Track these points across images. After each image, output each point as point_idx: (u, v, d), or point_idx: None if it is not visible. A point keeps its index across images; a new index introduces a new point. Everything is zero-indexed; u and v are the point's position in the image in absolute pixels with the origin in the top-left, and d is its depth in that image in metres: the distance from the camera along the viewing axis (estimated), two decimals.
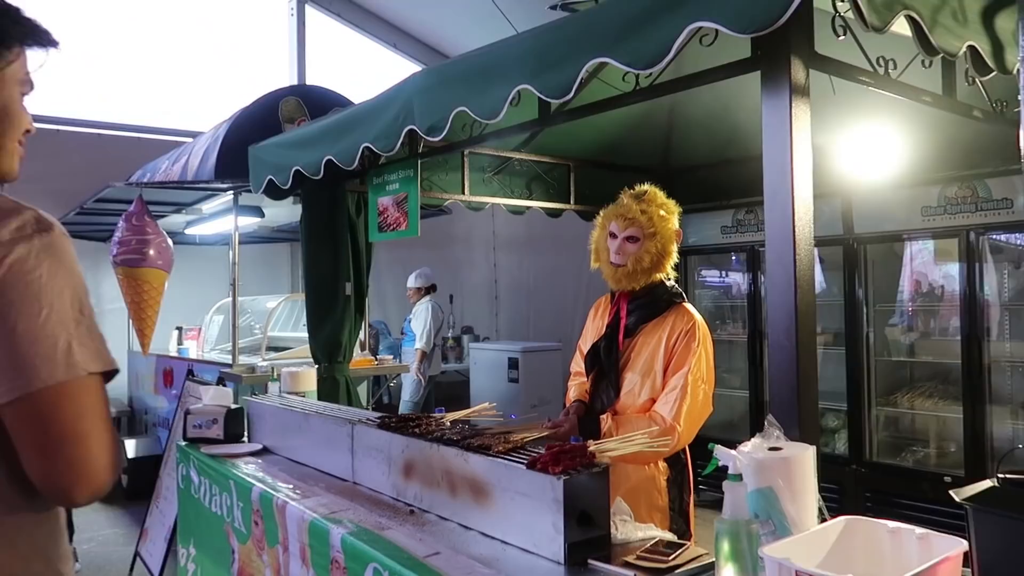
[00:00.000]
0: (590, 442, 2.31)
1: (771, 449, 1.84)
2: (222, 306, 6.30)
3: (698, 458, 2.57)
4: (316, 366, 4.07)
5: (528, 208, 5.33)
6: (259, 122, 4.67)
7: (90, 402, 1.00)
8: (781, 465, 1.77)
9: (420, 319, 6.98)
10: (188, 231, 6.74)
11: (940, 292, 4.69)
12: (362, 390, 5.20)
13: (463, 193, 4.58)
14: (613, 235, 2.50)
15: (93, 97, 7.54)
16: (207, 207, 5.73)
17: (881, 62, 2.26)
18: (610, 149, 5.20)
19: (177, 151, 5.49)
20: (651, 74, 2.22)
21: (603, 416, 2.39)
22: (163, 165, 5.48)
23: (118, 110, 7.70)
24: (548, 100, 2.27)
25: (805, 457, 1.81)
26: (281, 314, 6.13)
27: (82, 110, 7.50)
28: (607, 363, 2.51)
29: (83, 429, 0.99)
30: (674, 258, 2.50)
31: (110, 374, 1.06)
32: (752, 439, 1.90)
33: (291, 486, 2.68)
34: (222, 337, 6.29)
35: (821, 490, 1.88)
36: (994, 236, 4.28)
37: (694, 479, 2.56)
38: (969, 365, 4.30)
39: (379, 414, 2.79)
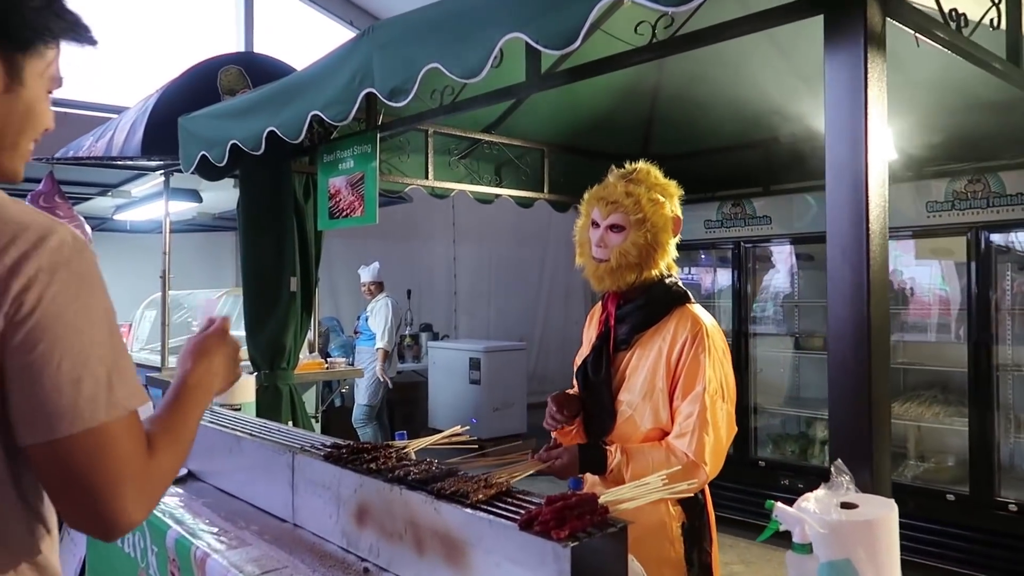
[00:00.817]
0: (598, 488, 1.83)
1: (843, 506, 1.41)
2: (154, 300, 5.68)
3: (718, 488, 2.11)
4: (255, 373, 3.53)
5: (497, 196, 4.85)
6: (195, 93, 4.07)
7: (126, 440, 0.95)
8: (862, 531, 1.35)
9: (380, 316, 6.48)
10: (117, 217, 6.11)
11: (943, 294, 4.36)
12: (311, 395, 4.67)
13: (426, 178, 4.09)
14: (596, 224, 2.04)
15: None
16: (137, 190, 5.12)
17: (953, 16, 1.84)
18: (587, 134, 4.75)
19: (103, 127, 4.86)
20: (671, 23, 1.76)
21: (609, 447, 1.92)
22: (87, 142, 4.86)
23: None
24: (548, 51, 1.77)
25: (889, 519, 1.39)
26: (223, 309, 5.54)
27: None
28: (595, 382, 2.04)
29: (119, 473, 0.94)
30: (670, 251, 2.03)
31: None
32: (816, 491, 1.46)
33: (216, 529, 2.20)
34: (154, 335, 5.67)
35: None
36: (1011, 234, 3.94)
37: (715, 522, 2.11)
38: (976, 372, 3.97)
39: (328, 440, 2.29)
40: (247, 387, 3.27)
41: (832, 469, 1.41)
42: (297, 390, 3.70)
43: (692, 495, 1.97)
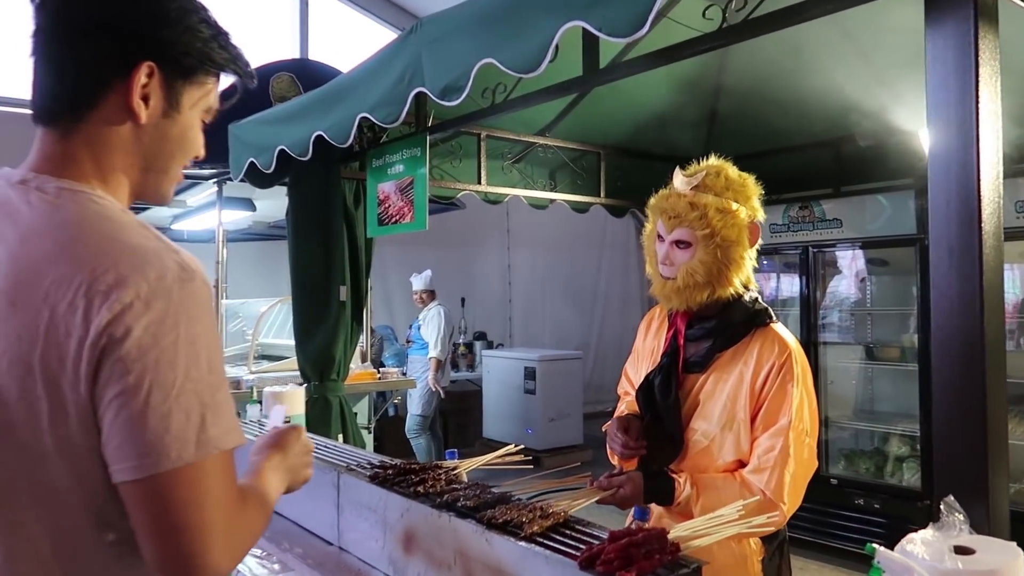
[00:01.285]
0: (664, 521, 1.67)
1: (958, 551, 1.21)
2: None
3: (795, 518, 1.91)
4: (304, 385, 3.45)
5: (551, 202, 4.70)
6: (246, 101, 4.03)
7: (217, 484, 0.91)
8: None
9: (432, 325, 6.36)
10: (175, 227, 6.16)
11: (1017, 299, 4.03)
12: (363, 406, 4.60)
13: (479, 183, 3.96)
14: (661, 237, 1.85)
15: None
16: (192, 199, 5.14)
17: None
18: (645, 135, 4.57)
19: None
20: (744, 4, 1.59)
21: (677, 477, 1.74)
22: None
23: None
24: (612, 39, 1.61)
25: (1015, 568, 1.18)
26: (276, 319, 5.53)
27: None
28: (664, 407, 1.85)
29: (207, 518, 0.90)
30: (746, 265, 1.81)
31: None
32: (923, 532, 1.27)
33: (259, 551, 2.09)
34: None
35: (888, 527, 1.26)
36: None
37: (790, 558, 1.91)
38: None
39: (376, 458, 2.17)
40: (297, 399, 3.19)
41: (942, 507, 1.22)
42: (347, 402, 3.60)
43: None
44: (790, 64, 3.80)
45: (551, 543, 1.43)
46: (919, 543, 1.22)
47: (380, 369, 4.96)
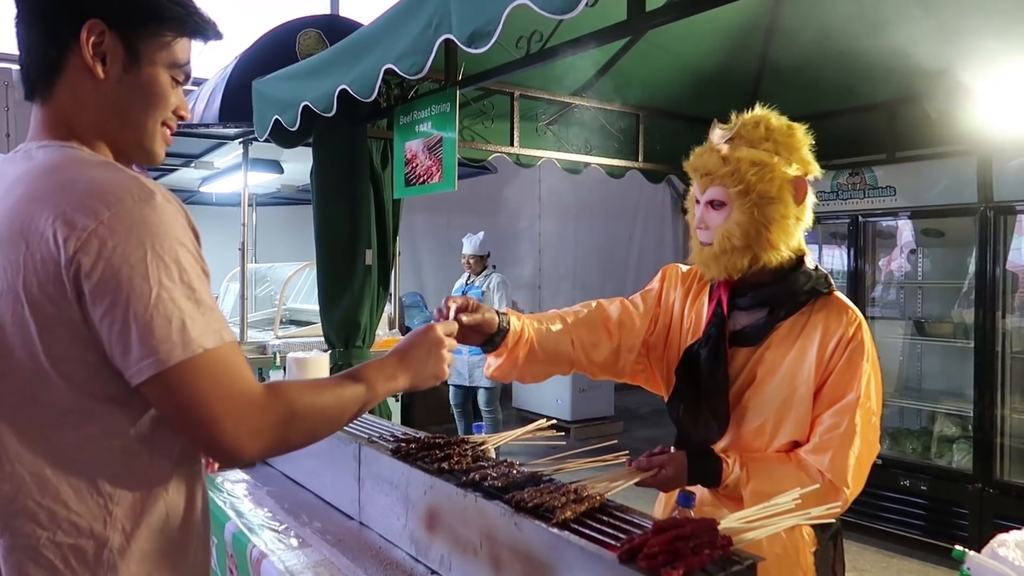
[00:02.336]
0: (707, 509, 1.52)
1: None
2: (236, 274, 5.63)
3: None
4: (329, 351, 3.35)
5: (586, 166, 4.51)
6: (273, 58, 3.89)
7: (212, 380, 0.97)
8: None
9: (501, 292, 5.67)
10: (203, 189, 6.08)
11: None
12: None
13: (511, 145, 3.78)
14: (697, 200, 1.67)
15: None
16: (219, 160, 5.03)
17: None
18: (687, 97, 4.35)
19: (187, 96, 4.79)
20: None
21: (726, 457, 1.58)
22: None
23: None
24: None
25: None
26: (304, 283, 5.44)
27: None
28: (710, 384, 1.66)
29: (211, 408, 0.97)
30: (793, 225, 1.60)
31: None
32: (1016, 532, 1.11)
33: (277, 523, 2.00)
34: (238, 309, 5.64)
35: (934, 510, 1.12)
36: None
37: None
38: None
39: (400, 430, 2.06)
40: (320, 366, 3.09)
41: None
42: None
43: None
44: (847, 18, 3.55)
45: (587, 531, 1.29)
46: (1013, 546, 1.07)
47: None
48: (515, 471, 1.55)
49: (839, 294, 1.66)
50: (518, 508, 1.39)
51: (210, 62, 6.37)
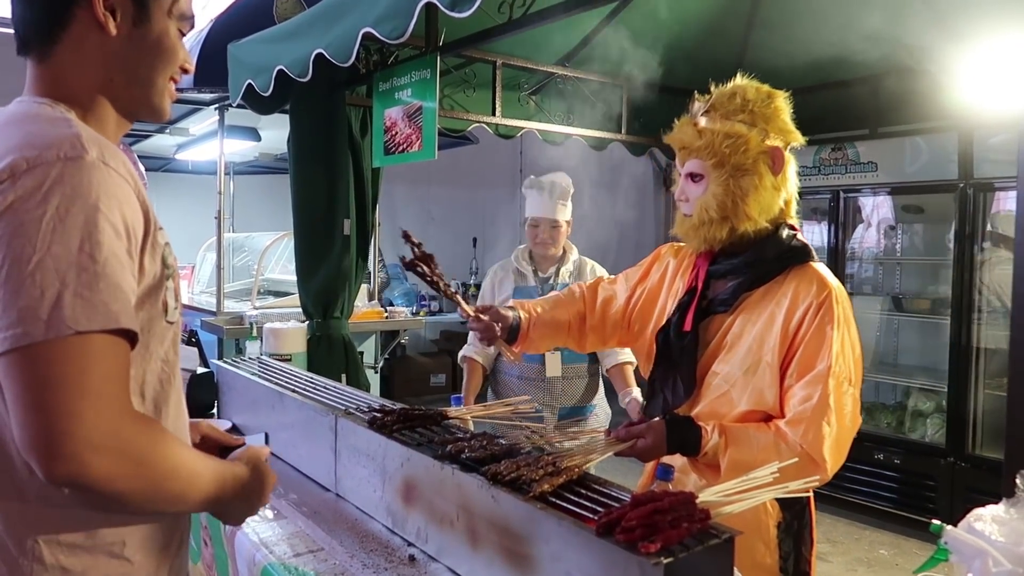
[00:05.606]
0: (690, 488, 1.51)
1: None
2: (212, 243, 5.55)
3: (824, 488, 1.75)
4: (307, 322, 3.30)
5: (568, 137, 4.46)
6: (250, 22, 3.78)
7: (79, 369, 0.83)
8: None
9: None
10: (179, 156, 5.96)
11: None
12: (370, 345, 4.46)
13: (493, 115, 3.73)
14: (679, 172, 1.71)
15: None
16: (195, 127, 4.93)
17: None
18: (671, 69, 4.28)
19: None
20: None
21: (704, 425, 1.58)
22: None
23: None
24: None
25: None
26: (284, 254, 5.36)
27: None
28: (677, 348, 1.69)
29: (60, 401, 0.82)
30: (770, 196, 1.60)
31: (129, 337, 0.90)
32: (992, 508, 1.11)
33: None
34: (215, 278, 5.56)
35: (907, 483, 1.14)
36: None
37: (815, 520, 1.75)
38: None
39: (377, 402, 2.04)
40: (297, 337, 3.06)
41: (1018, 481, 1.06)
42: (352, 341, 3.46)
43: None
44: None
45: (564, 504, 1.28)
46: (989, 520, 1.07)
47: (388, 308, 4.80)
48: (493, 444, 1.54)
49: (817, 265, 1.66)
50: (495, 481, 1.37)
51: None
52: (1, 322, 0.83)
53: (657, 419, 1.59)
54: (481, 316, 1.88)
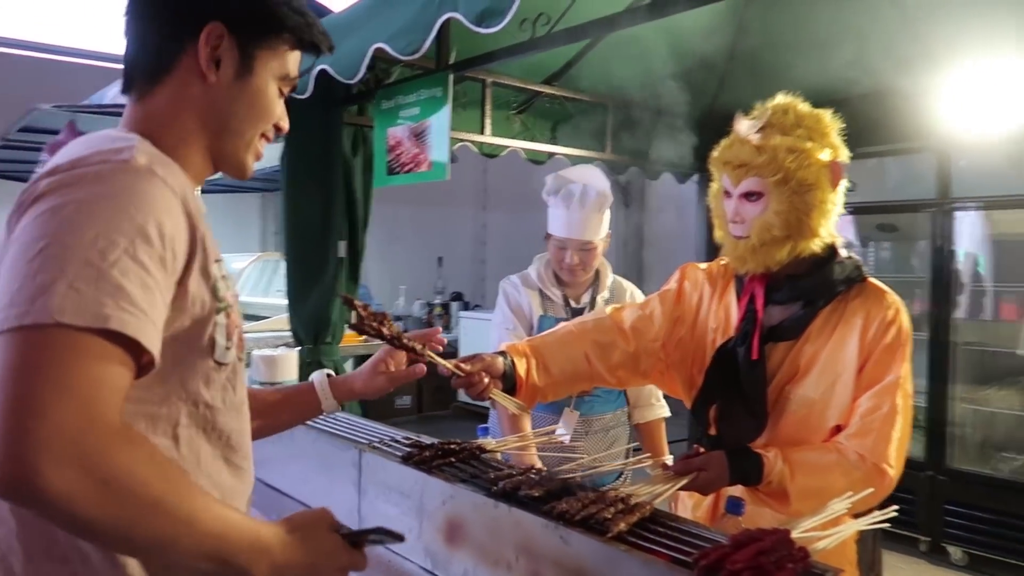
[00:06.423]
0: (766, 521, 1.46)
1: None
2: None
3: None
4: (298, 349, 3.17)
5: (551, 156, 4.43)
6: None
7: (53, 362, 0.74)
8: None
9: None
10: None
11: None
12: (348, 368, 4.33)
13: (481, 133, 3.66)
14: (728, 193, 1.64)
15: (27, 11, 6.40)
16: None
17: None
18: (655, 89, 4.30)
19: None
20: None
21: (765, 453, 1.54)
22: (110, 92, 4.48)
23: (62, 29, 6.53)
24: None
25: None
26: (261, 276, 5.20)
27: (13, 28, 6.36)
28: (749, 381, 1.63)
29: (23, 392, 0.72)
30: (831, 210, 1.59)
31: (131, 348, 0.81)
32: None
33: None
34: None
35: (888, 497, 1.49)
36: None
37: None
38: None
39: (399, 434, 1.94)
40: (290, 364, 2.93)
41: None
42: (343, 367, 3.33)
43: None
44: (813, 13, 3.58)
45: (648, 544, 1.22)
46: None
47: None
48: (549, 479, 1.46)
49: (873, 280, 1.66)
50: (566, 521, 1.30)
51: None
52: None
53: (717, 451, 1.54)
54: (464, 367, 1.58)
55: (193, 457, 0.99)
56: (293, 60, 1.10)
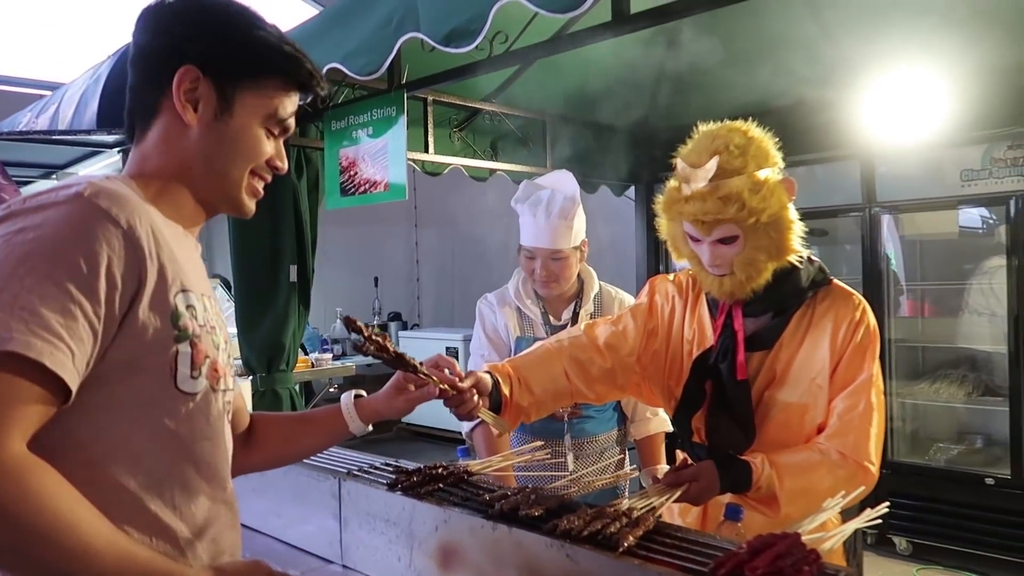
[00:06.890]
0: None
1: None
2: None
3: None
4: (251, 377, 3.07)
5: (492, 173, 4.44)
6: None
7: None
8: None
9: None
10: None
11: (977, 267, 4.15)
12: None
13: (425, 151, 3.64)
14: (695, 239, 1.63)
15: None
16: (87, 170, 4.52)
17: None
18: (591, 104, 4.38)
19: (42, 101, 4.24)
20: None
21: (752, 460, 1.57)
22: (24, 118, 4.25)
23: None
24: None
25: None
26: None
27: None
28: (735, 392, 1.65)
29: None
30: (796, 224, 1.60)
31: (46, 373, 0.81)
32: None
33: None
34: None
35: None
36: None
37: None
38: (1017, 350, 3.78)
39: (379, 460, 1.90)
40: (243, 394, 2.82)
41: None
42: (297, 394, 3.24)
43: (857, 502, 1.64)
44: (741, 27, 3.71)
45: (659, 557, 1.22)
46: None
47: (307, 354, 4.56)
48: (546, 498, 1.45)
49: (838, 282, 1.71)
50: (571, 538, 1.29)
51: (74, 60, 5.74)
52: None
53: (706, 461, 1.57)
54: (459, 385, 1.51)
55: (156, 485, 0.97)
56: (283, 101, 1.09)
